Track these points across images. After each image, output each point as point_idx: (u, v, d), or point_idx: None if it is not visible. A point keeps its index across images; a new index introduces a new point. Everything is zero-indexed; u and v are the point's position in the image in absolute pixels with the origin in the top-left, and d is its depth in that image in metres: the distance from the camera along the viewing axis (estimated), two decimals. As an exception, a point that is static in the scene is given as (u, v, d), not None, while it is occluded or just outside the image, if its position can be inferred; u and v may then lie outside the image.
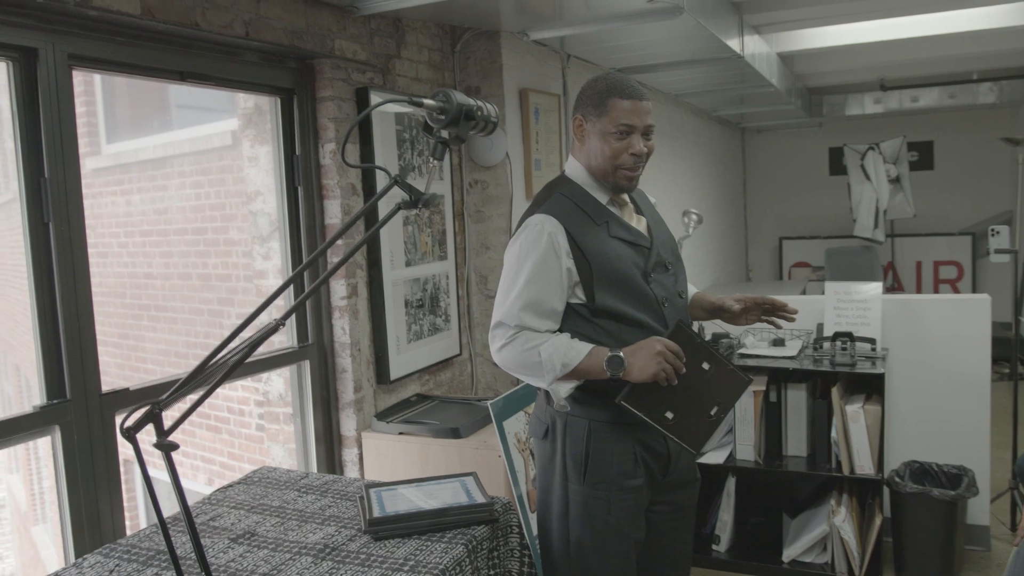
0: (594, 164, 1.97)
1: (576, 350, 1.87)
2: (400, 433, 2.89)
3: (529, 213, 1.98)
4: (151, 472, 1.43)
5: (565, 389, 1.93)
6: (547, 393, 2.01)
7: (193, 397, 1.43)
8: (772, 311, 2.13)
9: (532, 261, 1.90)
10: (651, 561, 2.10)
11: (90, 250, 2.15)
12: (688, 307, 2.15)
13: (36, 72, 2.01)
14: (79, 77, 2.15)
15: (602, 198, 2.00)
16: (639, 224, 2.05)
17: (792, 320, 2.14)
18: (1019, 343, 4.11)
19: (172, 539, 1.50)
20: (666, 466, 2.03)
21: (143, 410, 1.33)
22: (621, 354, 1.85)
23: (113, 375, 4.40)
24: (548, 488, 2.04)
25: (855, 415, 3.21)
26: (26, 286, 2.07)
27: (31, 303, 2.05)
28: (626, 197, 2.06)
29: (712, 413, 1.98)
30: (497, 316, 1.95)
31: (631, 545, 1.99)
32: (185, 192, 4.45)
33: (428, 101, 1.57)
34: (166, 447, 1.32)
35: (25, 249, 2.04)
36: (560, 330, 1.94)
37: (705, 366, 1.95)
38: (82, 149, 2.14)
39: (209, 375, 1.40)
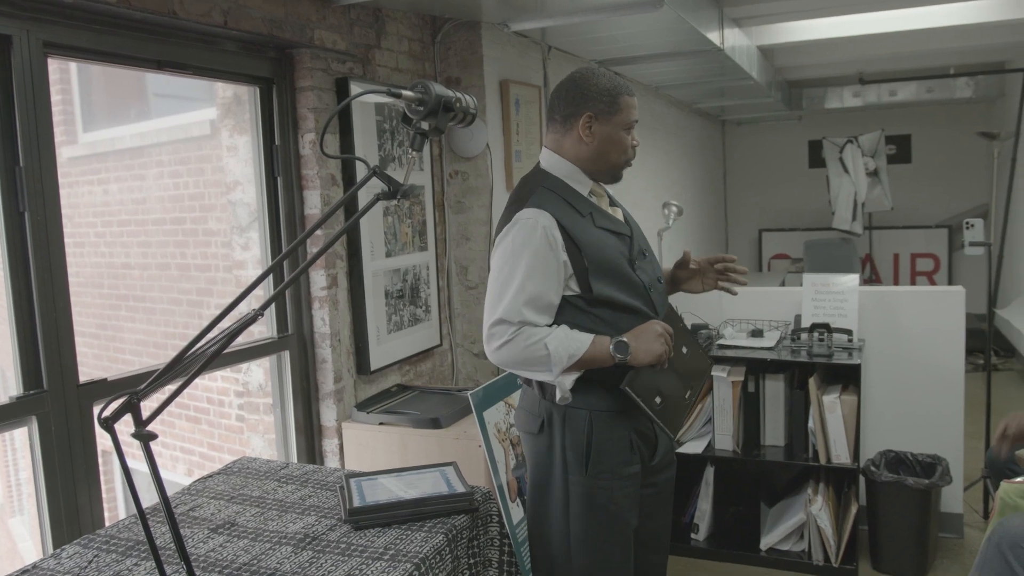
0: (601, 158, 2.00)
1: (579, 340, 1.89)
2: (380, 423, 2.89)
3: (514, 208, 1.95)
4: (129, 463, 1.43)
5: (570, 381, 1.92)
6: (540, 387, 2.00)
7: (171, 388, 1.43)
8: (724, 271, 2.15)
9: (529, 255, 1.88)
10: (635, 544, 2.12)
11: (67, 240, 2.13)
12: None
13: (10, 60, 1.98)
14: (54, 65, 2.13)
15: (583, 190, 2.02)
16: (616, 214, 2.08)
17: (743, 282, 2.15)
18: (993, 334, 4.17)
19: (151, 529, 1.50)
20: (653, 450, 2.07)
21: (121, 400, 1.33)
22: (625, 339, 1.88)
23: (91, 366, 4.37)
24: (545, 482, 2.03)
25: (832, 405, 3.24)
26: (1, 276, 2.05)
27: (6, 293, 2.03)
28: (601, 190, 2.08)
29: (687, 397, 2.04)
30: (496, 313, 1.90)
31: (631, 532, 2.02)
32: (163, 182, 4.41)
33: (407, 92, 1.57)
34: (144, 437, 1.32)
35: (0, 239, 2.02)
36: (556, 323, 1.94)
37: (684, 350, 2.01)
38: (58, 138, 2.12)
39: (187, 365, 1.40)
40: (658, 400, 1.94)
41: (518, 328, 1.89)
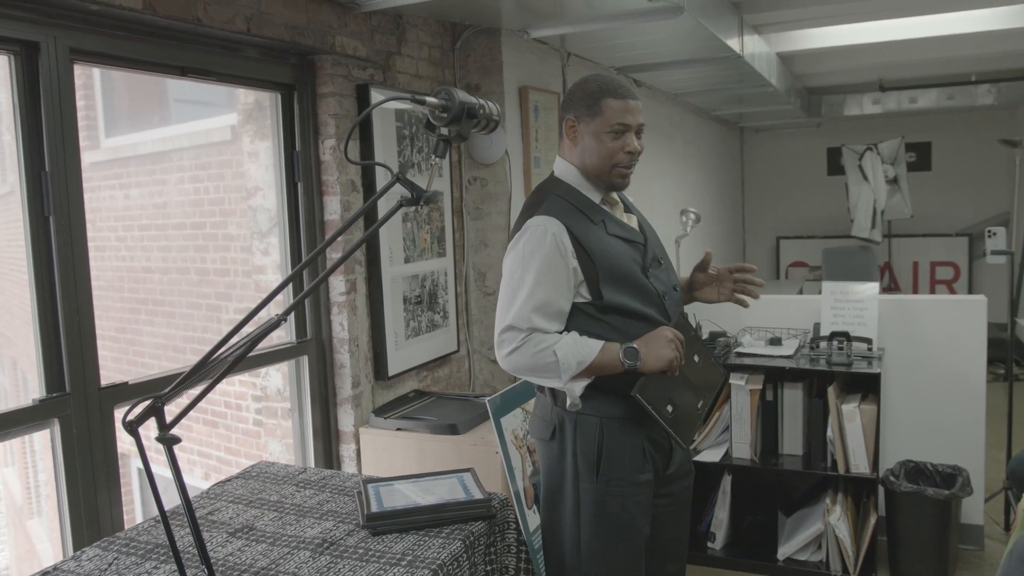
0: (589, 164, 1.99)
1: (589, 347, 1.89)
2: (398, 429, 2.90)
3: (525, 216, 1.98)
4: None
5: (579, 388, 1.93)
6: (552, 393, 2.01)
7: (193, 392, 1.44)
8: (742, 280, 2.13)
9: (538, 262, 1.90)
10: (650, 554, 2.12)
11: (89, 244, 2.15)
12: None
13: (37, 66, 2.01)
14: (78, 71, 2.16)
15: (595, 197, 2.02)
16: (631, 222, 2.07)
17: (756, 296, 2.14)
18: (1014, 344, 4.12)
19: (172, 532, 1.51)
20: (668, 459, 2.06)
21: (145, 404, 1.34)
22: (635, 345, 1.87)
23: (111, 369, 4.40)
24: (557, 489, 2.03)
25: (851, 414, 3.22)
26: (25, 279, 2.08)
27: (31, 297, 2.06)
28: (616, 196, 2.08)
29: (699, 406, 2.03)
30: (506, 320, 1.92)
31: (642, 540, 2.01)
32: (184, 187, 4.44)
33: (431, 99, 1.58)
34: (168, 441, 1.33)
35: (25, 243, 2.04)
36: (566, 330, 1.95)
37: (696, 359, 1.99)
38: (81, 143, 2.14)
39: (210, 370, 1.41)
40: (670, 409, 1.93)
41: (527, 335, 1.90)
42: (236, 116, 3.44)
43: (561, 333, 1.93)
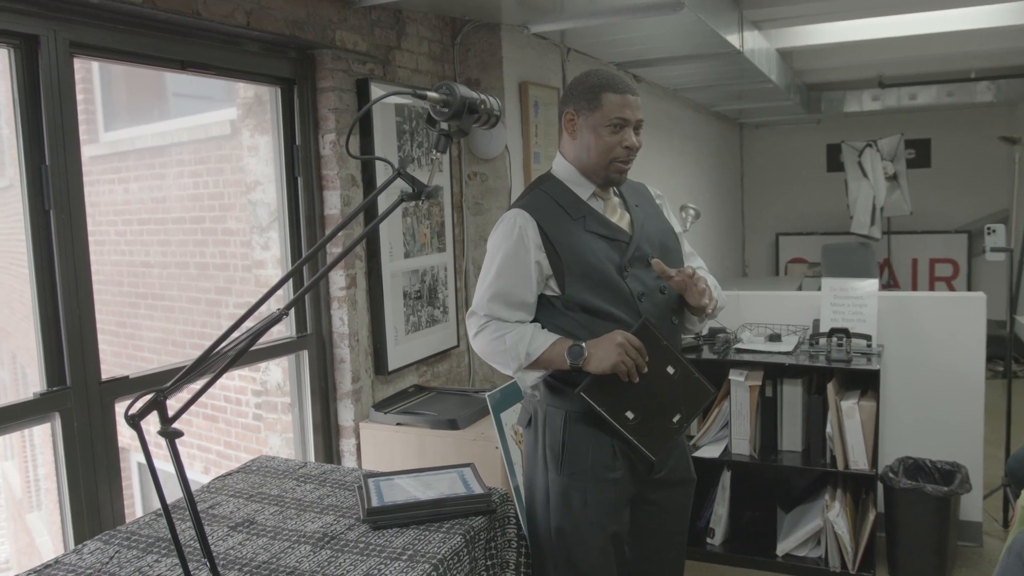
0: (586, 158, 1.99)
1: (540, 340, 1.92)
2: (398, 424, 2.90)
3: (509, 209, 2.03)
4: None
5: (531, 378, 1.98)
6: None
7: (194, 386, 1.44)
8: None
9: (503, 254, 1.95)
10: (640, 559, 2.12)
11: (88, 238, 2.15)
12: (677, 300, 2.07)
13: (37, 59, 2.01)
14: (79, 64, 2.15)
15: (583, 193, 2.02)
16: (621, 219, 2.05)
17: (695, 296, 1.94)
18: (1013, 341, 4.13)
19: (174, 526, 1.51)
20: (651, 462, 2.04)
21: (148, 397, 1.34)
22: (583, 344, 1.88)
23: (110, 363, 4.39)
24: (532, 477, 2.09)
25: (850, 411, 3.22)
26: (25, 273, 2.08)
27: (31, 291, 2.06)
28: (612, 191, 2.07)
29: (675, 420, 1.98)
30: (471, 306, 2.02)
31: (609, 537, 2.01)
32: (183, 181, 4.44)
33: (432, 94, 1.58)
34: (171, 434, 1.33)
35: (26, 237, 2.04)
36: (536, 321, 1.98)
37: (670, 370, 1.94)
38: (80, 137, 2.14)
39: (212, 364, 1.41)
40: (630, 415, 1.91)
41: (487, 321, 1.97)
42: (236, 110, 3.43)
43: (526, 323, 1.97)
